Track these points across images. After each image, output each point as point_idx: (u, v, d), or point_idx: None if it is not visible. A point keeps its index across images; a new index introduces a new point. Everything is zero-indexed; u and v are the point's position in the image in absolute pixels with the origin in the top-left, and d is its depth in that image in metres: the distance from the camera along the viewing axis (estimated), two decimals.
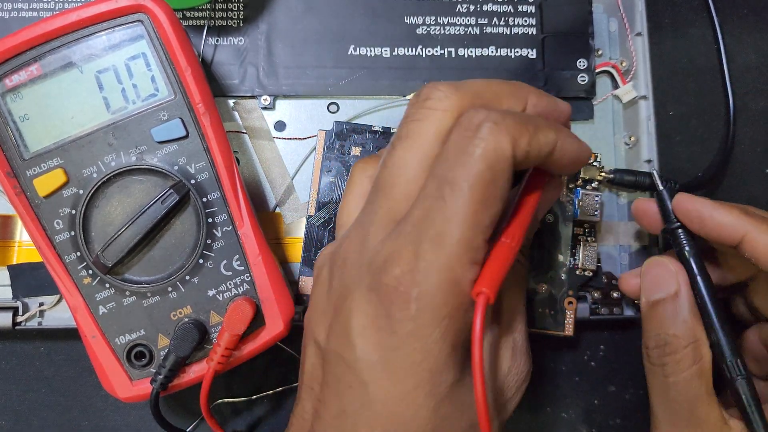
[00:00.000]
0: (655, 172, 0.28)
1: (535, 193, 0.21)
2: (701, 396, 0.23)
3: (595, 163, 0.30)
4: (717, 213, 0.23)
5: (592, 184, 0.30)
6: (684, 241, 0.25)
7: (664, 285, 0.24)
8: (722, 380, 0.23)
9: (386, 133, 0.30)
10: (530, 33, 0.31)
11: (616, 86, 0.32)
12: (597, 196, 0.29)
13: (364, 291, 0.19)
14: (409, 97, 0.31)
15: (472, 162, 0.18)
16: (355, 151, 0.29)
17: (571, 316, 0.29)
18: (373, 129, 0.30)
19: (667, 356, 0.23)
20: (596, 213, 0.29)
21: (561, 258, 0.29)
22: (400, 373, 0.18)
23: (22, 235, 0.29)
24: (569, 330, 0.29)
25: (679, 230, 0.25)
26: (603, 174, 0.30)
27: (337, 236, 0.23)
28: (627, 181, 0.29)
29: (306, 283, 0.29)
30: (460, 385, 0.19)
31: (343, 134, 0.30)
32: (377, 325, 0.18)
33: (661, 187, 0.26)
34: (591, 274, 0.30)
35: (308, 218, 0.29)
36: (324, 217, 0.29)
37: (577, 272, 0.30)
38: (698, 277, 0.24)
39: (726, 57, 0.33)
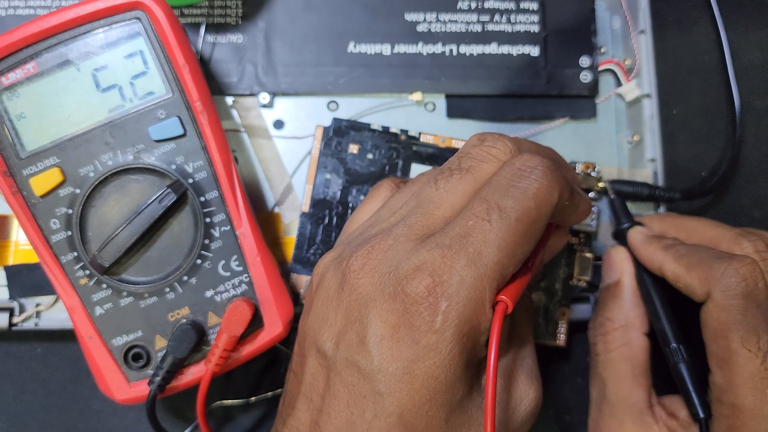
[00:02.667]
0: (607, 183, 0.29)
1: (546, 238, 0.22)
2: (625, 377, 0.25)
3: (593, 173, 0.30)
4: (644, 249, 0.26)
5: (590, 194, 0.30)
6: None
7: (611, 273, 0.27)
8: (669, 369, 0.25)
9: (386, 132, 0.29)
10: (533, 30, 0.31)
11: (619, 84, 0.31)
12: (594, 206, 0.29)
13: (386, 299, 0.19)
14: (410, 96, 0.31)
15: (525, 197, 0.19)
16: (353, 148, 0.29)
17: (564, 326, 0.29)
18: (372, 127, 0.29)
19: (599, 336, 0.26)
20: (592, 223, 0.29)
21: (556, 268, 0.29)
22: (417, 385, 0.18)
23: (18, 235, 0.29)
24: (561, 340, 0.29)
25: (628, 230, 0.27)
26: (600, 184, 0.29)
27: (341, 241, 0.23)
28: (625, 191, 0.29)
29: (297, 280, 0.29)
30: (469, 399, 0.19)
31: (342, 131, 0.29)
32: (398, 335, 0.18)
33: (612, 196, 0.29)
34: (585, 284, 0.29)
35: (302, 215, 0.29)
36: (318, 215, 0.29)
37: (571, 282, 0.29)
38: (644, 270, 0.26)
39: (730, 55, 0.32)
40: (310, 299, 0.21)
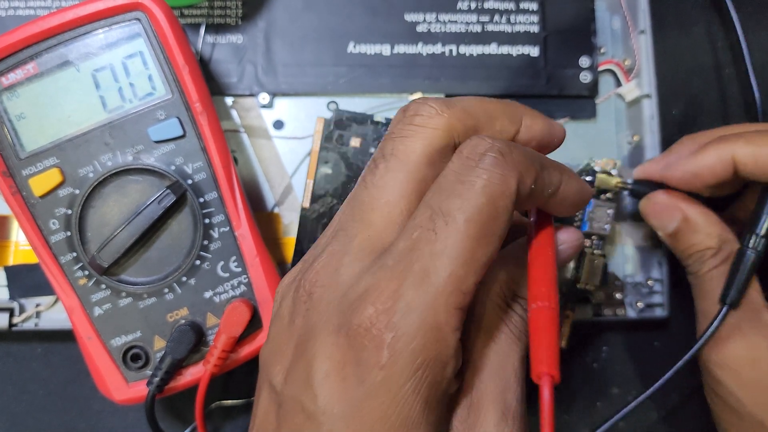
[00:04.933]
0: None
1: (550, 243, 0.19)
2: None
3: (613, 171, 0.28)
4: (702, 158, 0.25)
5: (606, 195, 0.28)
6: None
7: (670, 216, 0.26)
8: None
9: (389, 124, 0.29)
10: (532, 31, 0.31)
11: (619, 85, 0.31)
12: (610, 208, 0.28)
13: (331, 331, 0.17)
14: (410, 97, 0.31)
15: (473, 193, 0.16)
16: (355, 142, 0.29)
17: (567, 328, 0.28)
18: (375, 120, 0.29)
19: (697, 263, 0.26)
20: (606, 227, 0.28)
21: (562, 268, 0.28)
22: (365, 428, 0.16)
23: (18, 235, 0.29)
24: (562, 342, 0.28)
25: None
26: (621, 184, 0.28)
27: (304, 258, 0.20)
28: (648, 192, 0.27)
29: None
30: None
31: (343, 123, 0.29)
32: (343, 373, 0.16)
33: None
34: (593, 288, 0.28)
35: (302, 211, 0.28)
36: (319, 210, 0.28)
37: (579, 286, 0.28)
38: None
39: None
40: (269, 331, 0.19)
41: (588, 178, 0.28)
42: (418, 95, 0.30)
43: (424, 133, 0.18)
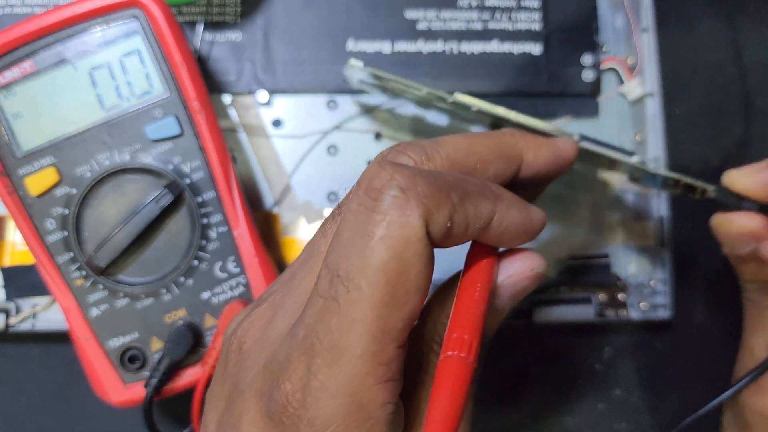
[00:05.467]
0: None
1: (482, 279, 0.16)
2: None
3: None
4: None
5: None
6: None
7: (745, 241, 0.22)
8: None
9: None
10: (534, 28, 0.31)
11: (621, 83, 0.31)
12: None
13: (255, 395, 0.15)
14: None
15: (372, 248, 0.14)
16: None
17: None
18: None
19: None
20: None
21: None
22: None
23: (15, 236, 0.29)
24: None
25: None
26: (710, 188, 0.24)
27: (260, 296, 0.19)
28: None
29: None
30: None
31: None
32: None
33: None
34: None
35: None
36: None
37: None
38: None
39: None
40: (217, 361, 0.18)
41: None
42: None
43: (391, 238, 0.15)
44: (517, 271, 0.17)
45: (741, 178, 0.22)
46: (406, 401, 0.16)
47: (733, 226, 0.22)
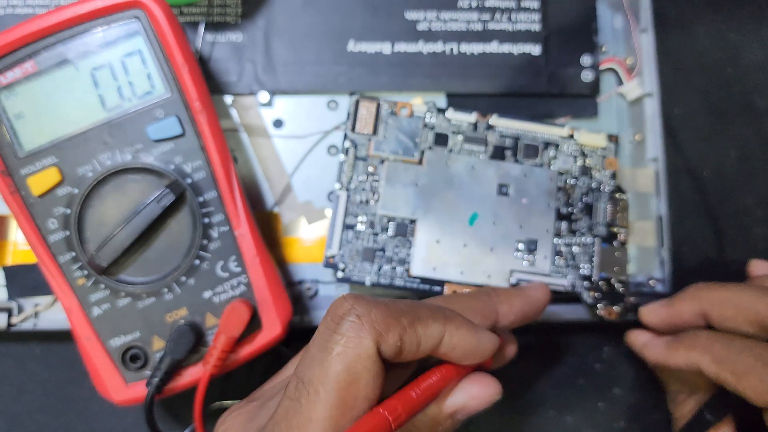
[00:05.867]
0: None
1: (437, 380, 0.19)
2: None
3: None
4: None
5: None
6: None
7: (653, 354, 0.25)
8: None
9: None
10: (534, 29, 0.31)
11: (620, 83, 0.31)
12: None
13: None
14: (412, 101, 0.30)
15: (329, 362, 0.17)
16: None
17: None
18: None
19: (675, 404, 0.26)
20: None
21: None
22: None
23: (17, 235, 0.29)
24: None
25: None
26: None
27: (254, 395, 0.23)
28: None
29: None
30: None
31: None
32: None
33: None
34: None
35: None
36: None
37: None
38: None
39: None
40: None
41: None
42: (418, 100, 0.30)
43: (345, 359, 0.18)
44: (480, 395, 0.20)
45: (645, 316, 0.27)
46: None
47: (629, 340, 0.27)
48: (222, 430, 0.21)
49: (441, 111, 0.29)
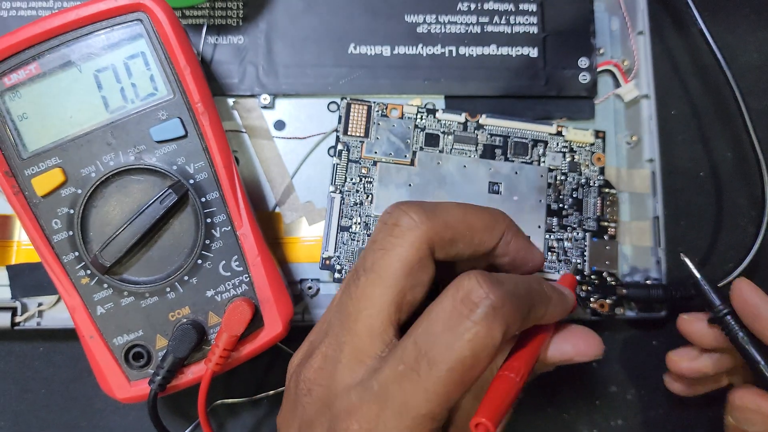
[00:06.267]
0: (686, 260, 0.26)
1: (544, 333, 0.21)
2: None
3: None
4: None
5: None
6: (738, 328, 0.24)
7: (758, 424, 0.23)
8: None
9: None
10: (531, 31, 0.31)
11: (617, 85, 0.32)
12: None
13: (323, 431, 0.19)
14: (410, 102, 0.31)
15: (458, 346, 0.18)
16: None
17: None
18: None
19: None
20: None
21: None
22: None
23: (20, 235, 0.29)
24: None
25: (729, 317, 0.24)
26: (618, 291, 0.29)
27: (309, 336, 0.23)
28: (640, 296, 0.28)
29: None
30: None
31: None
32: None
33: (698, 275, 0.25)
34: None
35: None
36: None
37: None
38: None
39: (728, 55, 0.32)
40: (285, 394, 0.22)
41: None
42: (417, 101, 0.30)
43: (402, 246, 0.20)
44: (584, 352, 0.22)
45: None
46: None
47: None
48: (305, 386, 0.20)
49: (431, 112, 0.30)
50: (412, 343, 0.18)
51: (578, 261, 0.30)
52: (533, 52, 0.31)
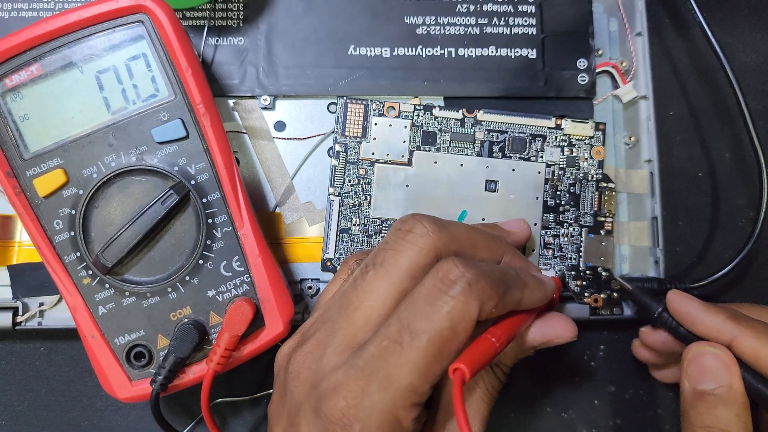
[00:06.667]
0: (617, 278, 0.29)
1: (526, 315, 0.23)
2: None
3: (603, 273, 0.30)
4: (706, 317, 0.24)
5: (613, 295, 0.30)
6: (678, 323, 0.25)
7: (714, 375, 0.23)
8: None
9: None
10: (530, 33, 0.31)
11: (616, 86, 0.32)
12: None
13: (311, 413, 0.20)
14: (409, 102, 0.31)
15: (437, 317, 0.19)
16: None
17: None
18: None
19: None
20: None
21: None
22: None
23: (22, 235, 0.29)
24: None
25: (665, 314, 0.26)
26: (612, 284, 0.29)
27: (302, 326, 0.23)
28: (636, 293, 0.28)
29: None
30: None
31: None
32: None
33: (629, 286, 0.28)
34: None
35: None
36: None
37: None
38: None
39: (726, 56, 0.33)
40: (274, 386, 0.23)
41: None
42: (416, 101, 0.31)
43: (412, 250, 0.21)
44: (563, 334, 0.24)
45: (674, 297, 0.26)
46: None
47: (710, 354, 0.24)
48: (293, 370, 0.21)
49: (428, 109, 0.30)
50: (396, 319, 0.20)
51: (573, 257, 0.30)
52: (532, 54, 0.31)
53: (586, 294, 0.30)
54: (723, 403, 0.22)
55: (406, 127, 0.30)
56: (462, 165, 0.30)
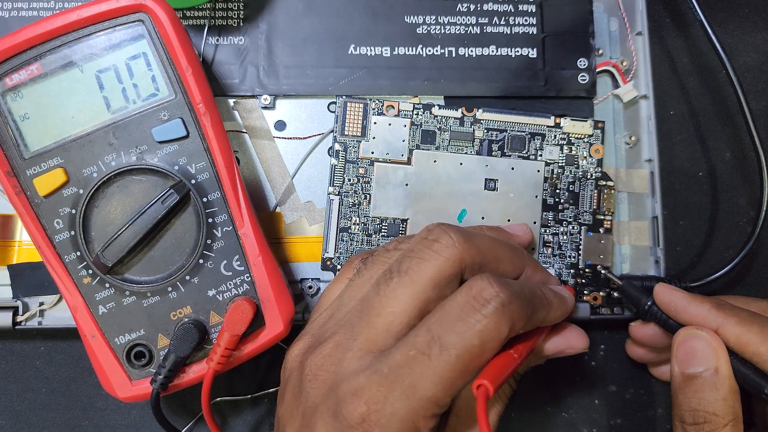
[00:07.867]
0: (604, 271, 0.29)
1: (543, 330, 0.24)
2: None
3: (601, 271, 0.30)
4: (691, 306, 0.24)
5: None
6: (666, 316, 0.26)
7: (701, 358, 0.23)
8: None
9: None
10: (531, 32, 0.31)
11: (616, 86, 0.32)
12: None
13: (329, 415, 0.20)
14: (409, 101, 0.31)
15: (468, 335, 0.19)
16: None
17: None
18: None
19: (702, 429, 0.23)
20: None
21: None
22: None
23: (22, 234, 0.29)
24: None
25: (654, 307, 0.26)
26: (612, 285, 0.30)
27: (307, 329, 0.23)
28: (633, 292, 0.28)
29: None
30: None
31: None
32: None
33: (619, 281, 0.28)
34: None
35: None
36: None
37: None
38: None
39: (726, 56, 0.33)
40: (283, 388, 0.23)
41: None
42: (415, 101, 0.31)
43: (438, 260, 0.21)
44: (574, 345, 0.25)
45: (660, 290, 0.26)
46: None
47: (699, 338, 0.24)
48: (310, 371, 0.21)
49: (427, 108, 0.30)
50: (426, 330, 0.20)
51: (572, 255, 0.30)
52: (532, 53, 0.31)
53: (585, 292, 0.30)
54: (710, 386, 0.23)
55: (405, 126, 0.30)
56: (461, 164, 0.30)
